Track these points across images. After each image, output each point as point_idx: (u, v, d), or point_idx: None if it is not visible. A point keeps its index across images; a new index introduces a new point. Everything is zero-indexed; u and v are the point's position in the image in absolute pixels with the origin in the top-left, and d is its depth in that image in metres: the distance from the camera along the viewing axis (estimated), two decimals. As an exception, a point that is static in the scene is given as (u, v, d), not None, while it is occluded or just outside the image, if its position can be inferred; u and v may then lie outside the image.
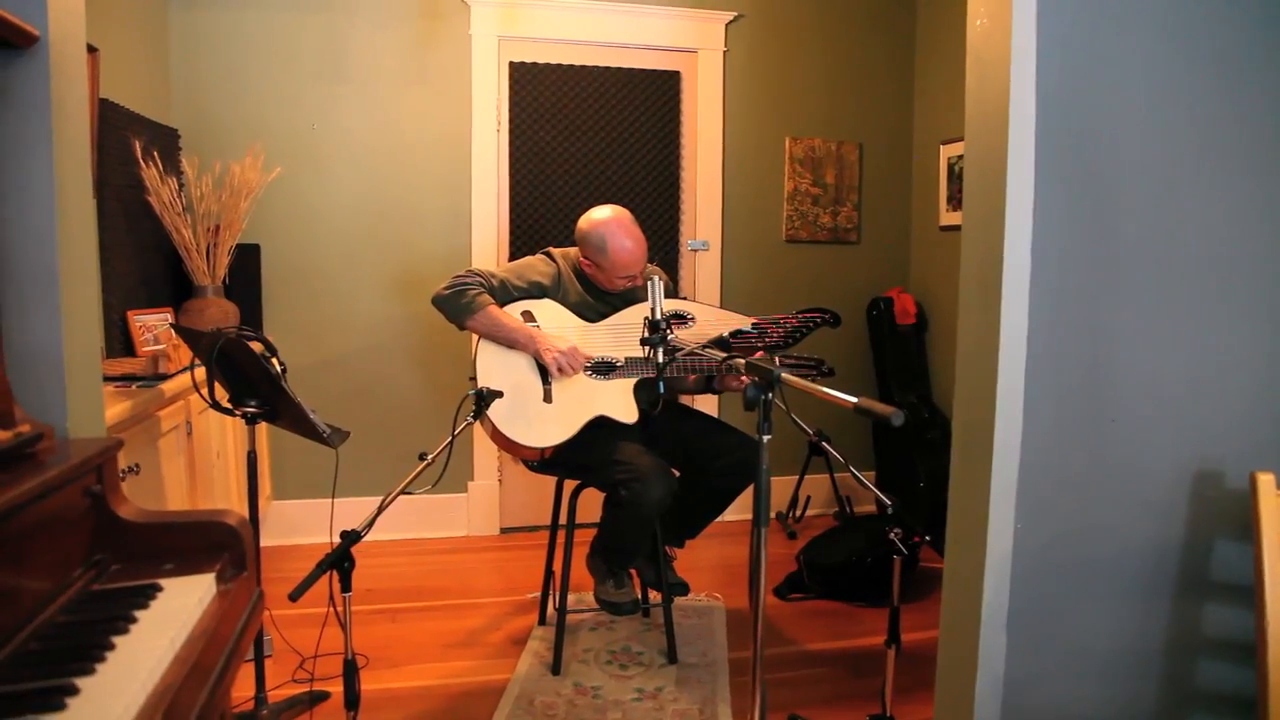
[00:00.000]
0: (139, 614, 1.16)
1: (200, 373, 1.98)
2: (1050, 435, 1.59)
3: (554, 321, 2.28)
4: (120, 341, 2.52)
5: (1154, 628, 1.64)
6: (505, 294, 2.27)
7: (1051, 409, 1.59)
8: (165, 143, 2.88)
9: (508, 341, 2.22)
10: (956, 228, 3.37)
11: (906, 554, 1.85)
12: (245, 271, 3.03)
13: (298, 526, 3.21)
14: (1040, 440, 1.59)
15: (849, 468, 1.88)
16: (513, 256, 3.31)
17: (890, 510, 1.87)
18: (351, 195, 3.22)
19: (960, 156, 3.39)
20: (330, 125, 3.18)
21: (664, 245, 3.49)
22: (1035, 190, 1.55)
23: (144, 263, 2.70)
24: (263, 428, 3.03)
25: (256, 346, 1.85)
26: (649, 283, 1.98)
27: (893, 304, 3.58)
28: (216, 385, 1.94)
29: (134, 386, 2.10)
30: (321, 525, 3.12)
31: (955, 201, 3.43)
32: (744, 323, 2.25)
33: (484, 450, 3.42)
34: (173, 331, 2.54)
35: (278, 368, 1.84)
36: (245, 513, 2.28)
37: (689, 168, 3.50)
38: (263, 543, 2.72)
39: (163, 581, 1.25)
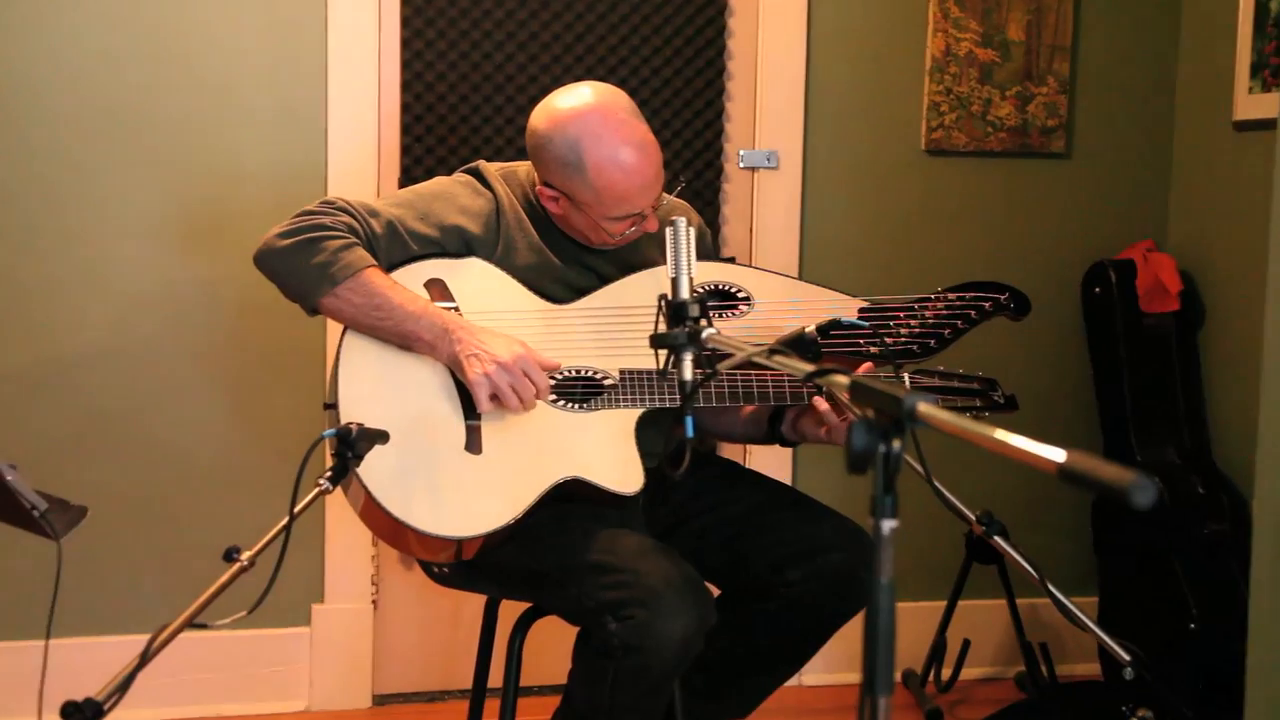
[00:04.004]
0: None
1: None
2: None
3: (488, 301, 2.31)
4: None
5: None
6: (396, 247, 2.31)
7: None
8: None
9: (399, 337, 2.24)
10: (1269, 123, 3.22)
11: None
12: None
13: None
14: None
15: (1046, 587, 1.88)
16: (408, 181, 3.32)
17: (1130, 673, 1.87)
18: (91, 48, 3.19)
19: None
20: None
21: (695, 161, 3.51)
22: None
23: None
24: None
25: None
26: (668, 230, 2.03)
27: (1133, 274, 3.57)
28: None
29: None
30: (21, 693, 3.07)
31: (1270, 72, 3.40)
32: (846, 308, 2.28)
33: (348, 545, 3.45)
34: None
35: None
36: None
37: (744, 15, 3.53)
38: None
39: None
